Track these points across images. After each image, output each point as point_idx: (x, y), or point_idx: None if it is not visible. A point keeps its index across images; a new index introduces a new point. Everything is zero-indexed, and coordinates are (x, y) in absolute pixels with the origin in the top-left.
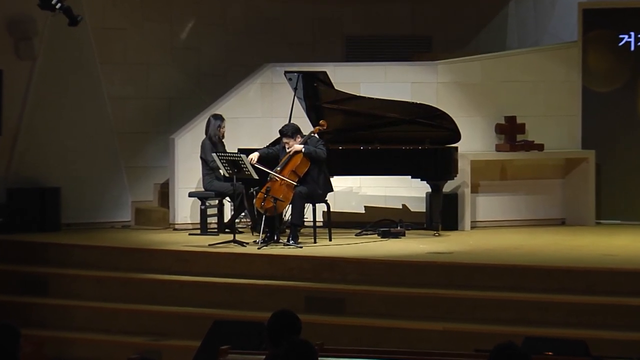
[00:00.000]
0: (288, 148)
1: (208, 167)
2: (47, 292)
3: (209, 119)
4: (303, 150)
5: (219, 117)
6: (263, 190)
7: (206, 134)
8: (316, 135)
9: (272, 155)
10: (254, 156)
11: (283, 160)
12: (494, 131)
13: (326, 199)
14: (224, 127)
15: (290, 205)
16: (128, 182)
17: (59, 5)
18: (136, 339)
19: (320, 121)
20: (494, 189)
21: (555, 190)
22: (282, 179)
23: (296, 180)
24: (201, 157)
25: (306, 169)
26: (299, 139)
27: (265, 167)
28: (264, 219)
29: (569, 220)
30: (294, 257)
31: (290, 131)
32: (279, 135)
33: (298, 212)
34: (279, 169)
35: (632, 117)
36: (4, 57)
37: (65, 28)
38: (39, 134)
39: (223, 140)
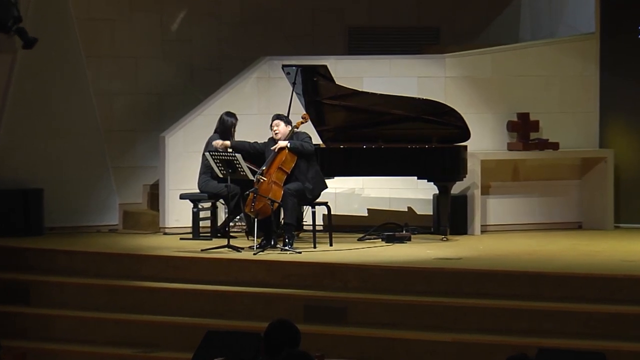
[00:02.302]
0: (275, 132)
1: (207, 165)
2: (28, 300)
3: (221, 116)
4: (288, 145)
5: (233, 115)
6: (251, 195)
7: (216, 131)
8: (299, 129)
9: (252, 149)
10: (220, 143)
11: (269, 159)
12: (506, 129)
13: (325, 200)
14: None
15: (282, 206)
16: (115, 184)
17: (15, 27)
18: (124, 350)
19: (302, 114)
20: (506, 190)
21: (571, 192)
22: (269, 178)
23: (284, 177)
24: (204, 155)
25: (293, 165)
26: (288, 128)
27: (251, 165)
28: (256, 223)
29: (585, 224)
30: (292, 263)
31: (284, 117)
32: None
33: (290, 211)
34: (264, 168)
35: None
36: None
37: (49, 19)
38: (21, 132)
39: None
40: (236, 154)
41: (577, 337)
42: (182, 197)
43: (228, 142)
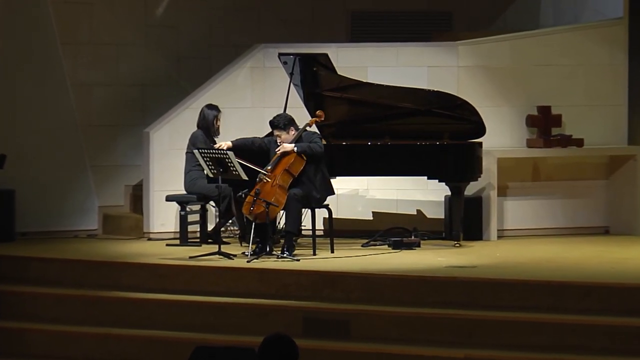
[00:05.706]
0: (280, 142)
1: (194, 162)
2: None
3: (202, 110)
4: (295, 149)
5: (214, 108)
6: (252, 193)
7: (198, 126)
8: (311, 128)
9: (256, 148)
10: (224, 145)
11: (274, 158)
12: (525, 124)
13: (326, 202)
14: (219, 119)
15: (284, 211)
16: (94, 184)
17: None
18: None
19: (317, 112)
20: (525, 191)
21: (597, 194)
22: (274, 180)
23: (290, 180)
24: (188, 153)
25: (302, 168)
26: (293, 132)
27: (252, 164)
28: (253, 227)
29: (613, 228)
30: (289, 271)
31: (282, 122)
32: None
33: (293, 218)
34: (269, 167)
35: None
36: None
37: (22, 2)
38: None
39: (216, 136)
40: (228, 152)
41: (603, 353)
42: (169, 198)
43: (230, 143)
